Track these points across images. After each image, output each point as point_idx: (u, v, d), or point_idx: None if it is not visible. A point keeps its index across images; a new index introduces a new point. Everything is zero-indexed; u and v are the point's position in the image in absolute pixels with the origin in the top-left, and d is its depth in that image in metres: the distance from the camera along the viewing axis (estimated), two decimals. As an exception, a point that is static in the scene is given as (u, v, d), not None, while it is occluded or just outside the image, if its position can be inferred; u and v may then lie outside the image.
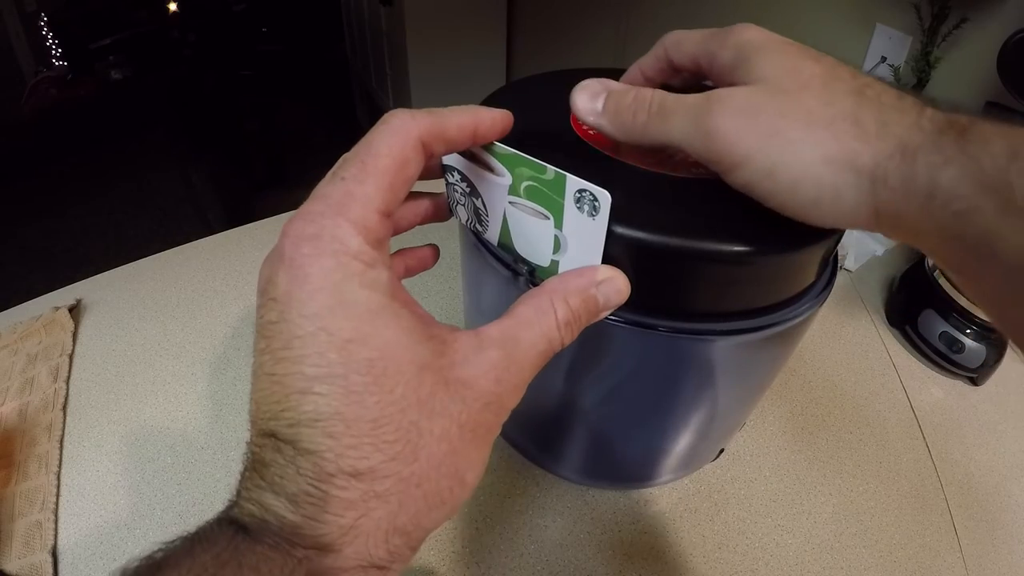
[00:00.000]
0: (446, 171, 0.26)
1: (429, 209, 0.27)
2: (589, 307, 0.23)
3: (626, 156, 0.29)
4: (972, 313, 0.56)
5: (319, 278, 0.17)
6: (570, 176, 0.22)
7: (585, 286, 0.23)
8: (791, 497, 0.46)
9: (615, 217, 0.23)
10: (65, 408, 0.49)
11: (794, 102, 0.23)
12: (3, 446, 0.46)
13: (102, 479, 0.45)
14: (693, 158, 0.25)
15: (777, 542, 0.43)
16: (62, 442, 0.47)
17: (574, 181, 0.22)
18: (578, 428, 0.39)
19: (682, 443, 0.39)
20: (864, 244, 0.71)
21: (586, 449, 0.42)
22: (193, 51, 2.81)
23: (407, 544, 0.18)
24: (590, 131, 0.30)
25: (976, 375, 0.57)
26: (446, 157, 0.25)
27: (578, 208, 0.23)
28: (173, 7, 2.74)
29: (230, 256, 0.65)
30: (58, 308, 0.57)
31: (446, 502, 0.19)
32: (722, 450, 0.47)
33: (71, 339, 0.55)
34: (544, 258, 0.26)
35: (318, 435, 0.17)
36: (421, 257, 0.28)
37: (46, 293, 0.60)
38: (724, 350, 0.30)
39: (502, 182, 0.24)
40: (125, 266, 0.64)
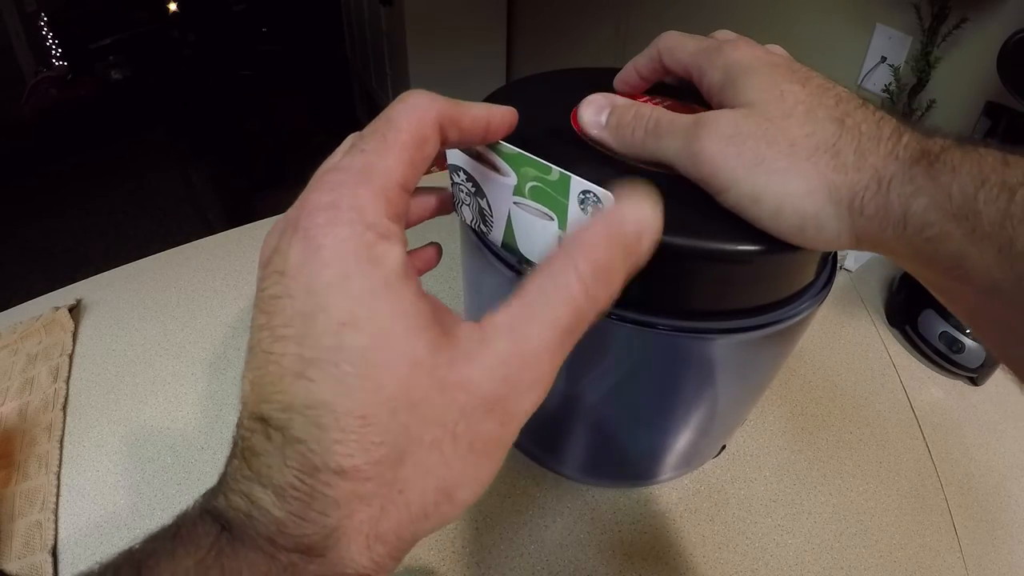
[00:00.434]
0: (452, 171, 0.26)
1: (435, 203, 0.27)
2: (622, 244, 0.19)
3: (625, 156, 0.29)
4: (972, 313, 0.56)
5: (331, 250, 0.16)
6: (575, 177, 0.22)
7: (610, 223, 0.19)
8: (791, 497, 0.46)
9: (615, 216, 0.23)
10: (65, 408, 0.49)
11: (778, 130, 0.24)
12: (3, 446, 0.46)
13: (102, 479, 0.45)
14: None
15: (777, 542, 0.43)
16: (62, 442, 0.47)
17: (578, 182, 0.22)
18: (579, 426, 0.39)
19: (683, 440, 0.39)
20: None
21: (587, 447, 0.42)
22: (193, 51, 2.81)
23: (389, 554, 0.17)
24: None
25: (976, 375, 0.57)
26: (451, 156, 0.25)
27: (582, 209, 0.23)
28: (173, 7, 2.75)
29: (230, 256, 0.65)
30: (58, 308, 0.57)
31: (430, 516, 0.18)
32: (724, 446, 0.47)
33: (71, 339, 0.55)
34: None
35: (308, 424, 0.16)
36: (426, 259, 0.27)
37: (46, 293, 0.60)
38: (724, 349, 0.31)
39: (507, 182, 0.24)
40: (125, 266, 0.64)
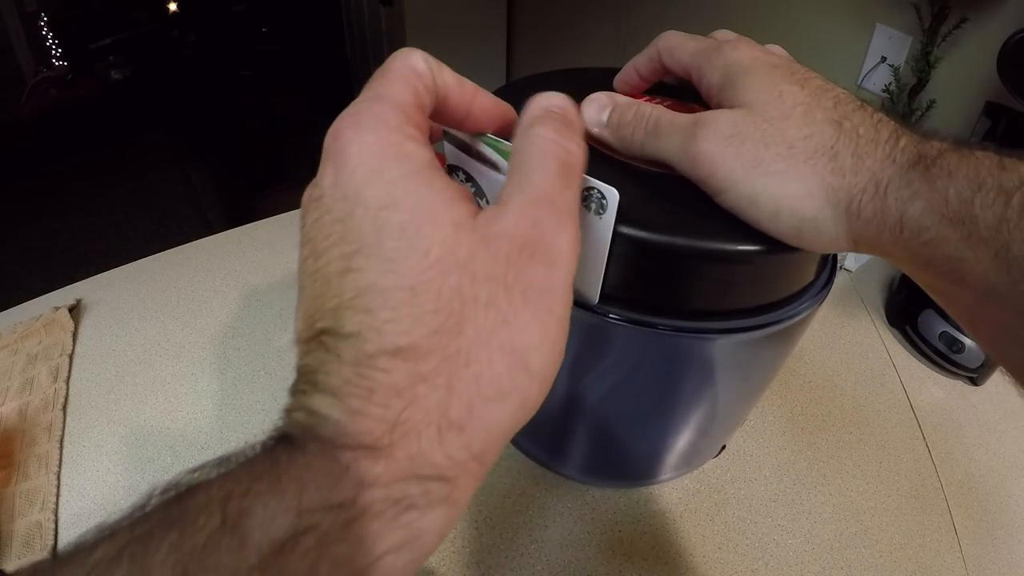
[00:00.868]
0: (451, 171, 0.26)
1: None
2: (560, 110, 0.21)
3: (626, 155, 0.29)
4: (972, 313, 0.56)
5: (358, 155, 0.17)
6: None
7: (536, 102, 0.21)
8: (791, 497, 0.46)
9: (616, 216, 0.23)
10: (65, 408, 0.49)
11: (776, 132, 0.24)
12: (3, 446, 0.46)
13: (102, 479, 0.45)
14: None
15: (777, 542, 0.43)
16: (62, 442, 0.47)
17: (583, 178, 0.22)
18: (579, 426, 0.39)
19: (683, 440, 0.39)
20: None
21: (588, 447, 0.42)
22: (193, 51, 2.81)
23: (466, 446, 0.16)
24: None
25: (976, 375, 0.57)
26: (451, 156, 0.25)
27: (585, 206, 0.23)
28: (173, 7, 2.74)
29: (230, 256, 0.65)
30: (58, 308, 0.57)
31: (506, 391, 0.16)
32: (724, 447, 0.47)
33: (71, 339, 0.55)
34: None
35: (357, 313, 0.16)
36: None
37: (46, 293, 0.60)
38: (724, 349, 0.31)
39: None
40: (125, 266, 0.64)
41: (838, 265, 0.33)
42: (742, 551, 0.43)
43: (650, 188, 0.27)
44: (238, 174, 2.38)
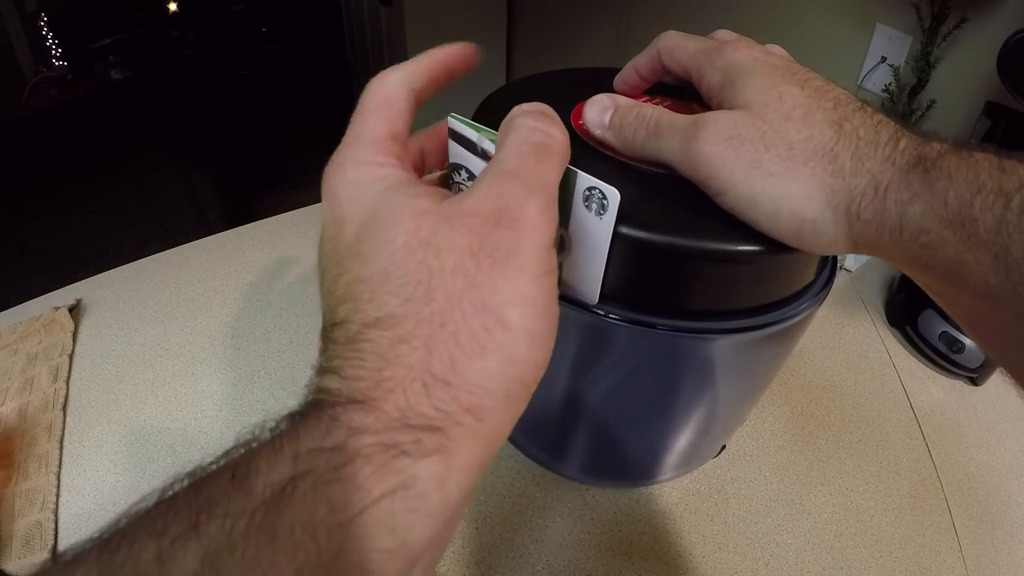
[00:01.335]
0: (453, 170, 0.26)
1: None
2: (540, 106, 0.22)
3: (627, 156, 0.29)
4: (972, 313, 0.56)
5: (342, 189, 0.20)
6: (581, 173, 0.22)
7: (519, 106, 0.22)
8: (791, 497, 0.46)
9: (616, 216, 0.23)
10: (65, 408, 0.49)
11: (776, 133, 0.24)
12: (3, 446, 0.46)
13: (102, 479, 0.45)
14: None
15: (777, 542, 0.43)
16: (62, 442, 0.47)
17: (585, 178, 0.22)
18: (579, 426, 0.39)
19: (683, 440, 0.39)
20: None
21: (587, 447, 0.42)
22: (193, 51, 2.81)
23: (454, 399, 0.17)
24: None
25: (976, 375, 0.57)
26: (453, 155, 0.25)
27: (586, 206, 0.23)
28: (173, 7, 2.74)
29: (230, 256, 0.65)
30: (58, 308, 0.57)
31: (487, 346, 0.17)
32: (724, 447, 0.47)
33: (71, 339, 0.55)
34: None
35: (345, 303, 0.18)
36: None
37: (46, 293, 0.60)
38: (724, 349, 0.31)
39: None
40: (125, 266, 0.64)
41: (838, 265, 0.33)
42: (742, 551, 0.43)
43: (650, 188, 0.27)
44: (238, 174, 2.38)
